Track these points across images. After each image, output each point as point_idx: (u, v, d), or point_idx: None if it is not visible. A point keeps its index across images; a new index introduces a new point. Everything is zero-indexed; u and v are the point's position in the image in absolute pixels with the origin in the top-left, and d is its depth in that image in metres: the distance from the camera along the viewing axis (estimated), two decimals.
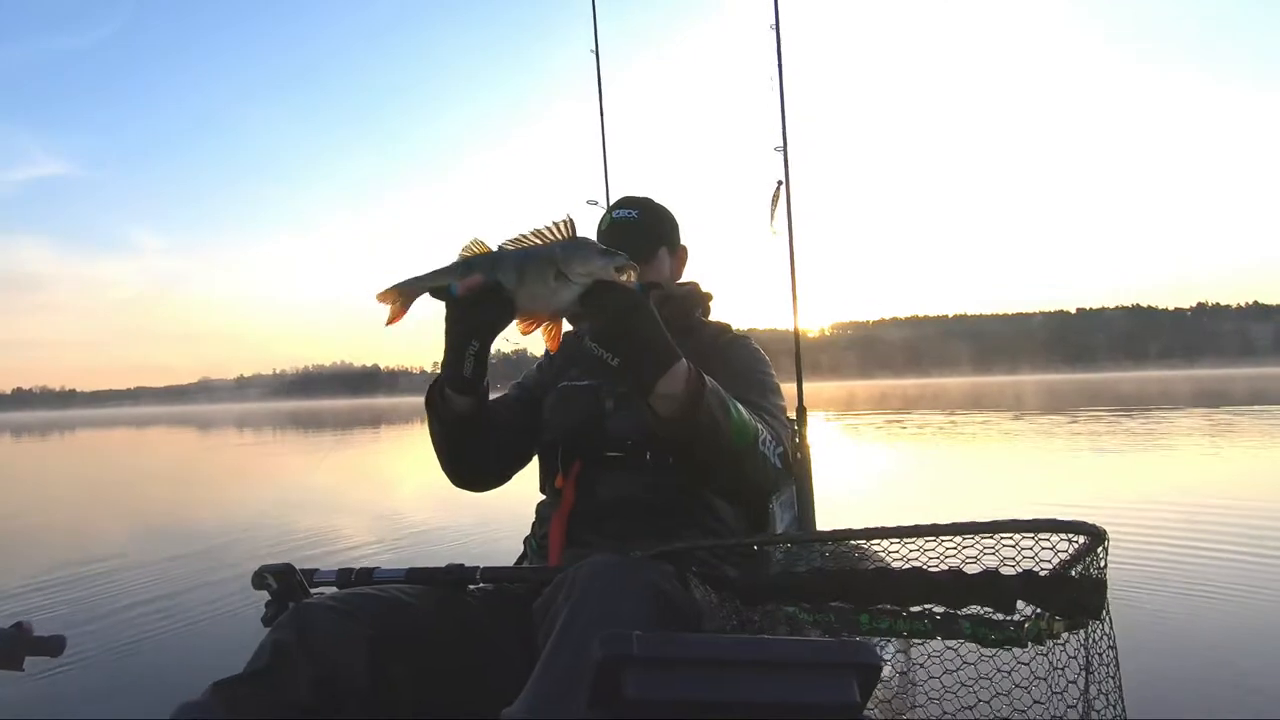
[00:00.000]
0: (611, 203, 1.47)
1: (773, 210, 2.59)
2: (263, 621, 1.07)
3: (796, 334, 2.78)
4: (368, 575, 1.15)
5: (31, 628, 0.93)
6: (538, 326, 1.03)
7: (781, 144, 2.70)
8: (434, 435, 1.22)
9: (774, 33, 2.78)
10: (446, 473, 1.29)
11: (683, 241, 1.48)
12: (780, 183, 2.63)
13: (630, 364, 1.00)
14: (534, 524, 1.36)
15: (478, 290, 1.00)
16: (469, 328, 1.04)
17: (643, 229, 1.40)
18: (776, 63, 2.76)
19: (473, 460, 1.28)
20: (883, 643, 1.18)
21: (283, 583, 1.12)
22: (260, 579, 1.13)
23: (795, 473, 2.09)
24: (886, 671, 1.04)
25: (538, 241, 1.01)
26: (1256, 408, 16.28)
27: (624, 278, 0.98)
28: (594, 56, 3.20)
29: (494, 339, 1.06)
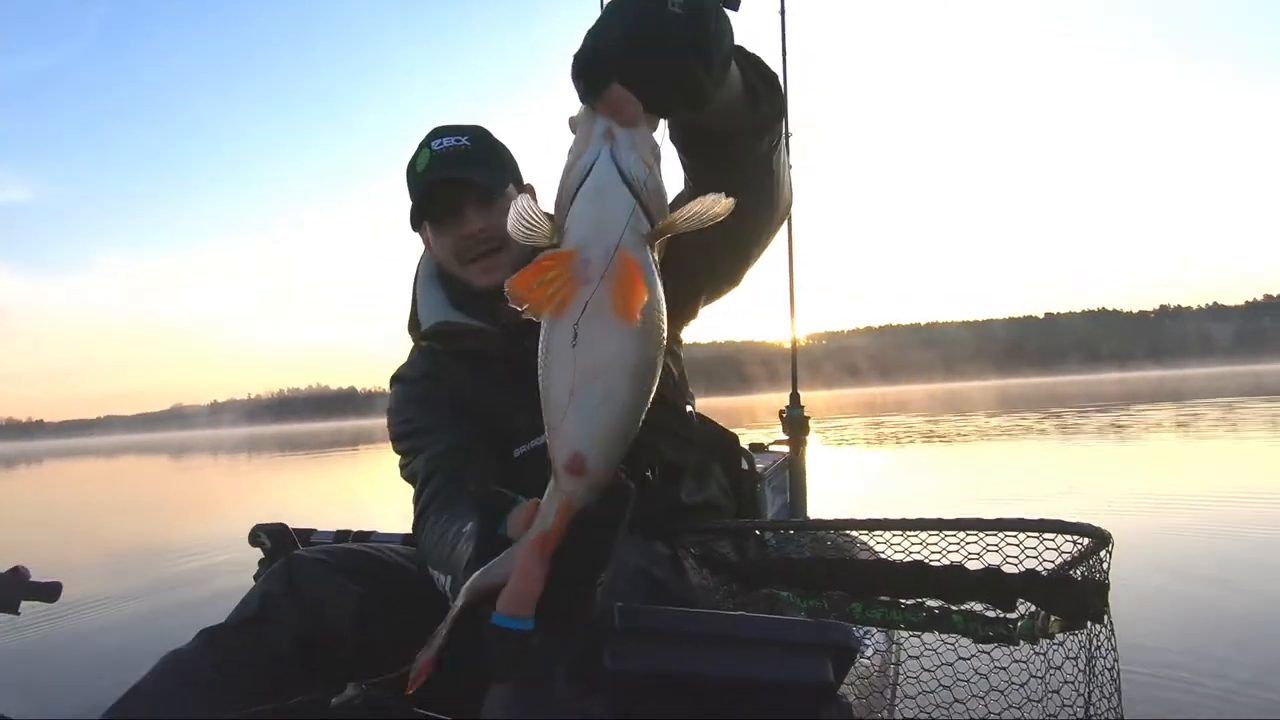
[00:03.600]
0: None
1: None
2: (254, 579, 1.07)
3: (794, 341, 2.80)
4: (365, 537, 1.15)
5: (28, 572, 0.94)
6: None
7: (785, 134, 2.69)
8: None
9: (780, 36, 2.75)
10: None
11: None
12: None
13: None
14: None
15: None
16: None
17: (480, 159, 1.05)
18: (781, 57, 2.74)
19: None
20: (867, 632, 1.18)
21: (276, 541, 1.12)
22: (255, 537, 1.14)
23: (791, 462, 2.10)
24: (876, 661, 1.04)
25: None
26: (1227, 400, 16.51)
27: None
28: None
29: None
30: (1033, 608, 0.80)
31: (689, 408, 1.15)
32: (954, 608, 0.82)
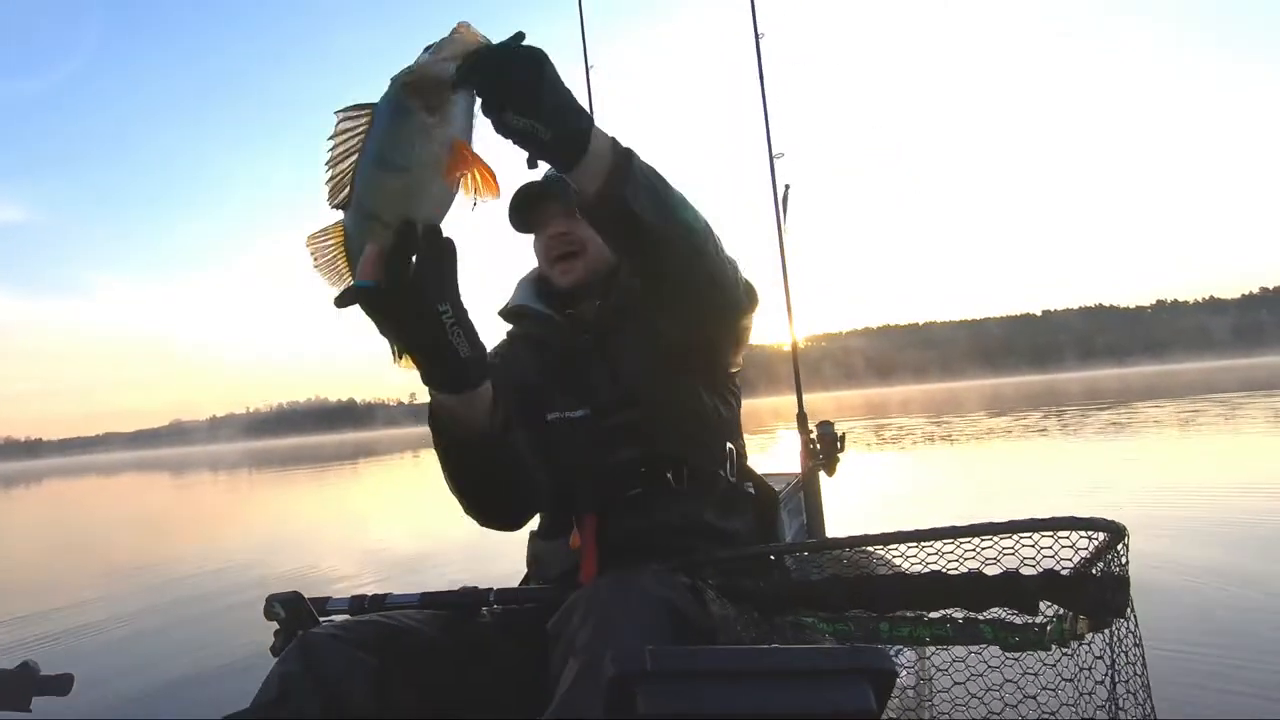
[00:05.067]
0: None
1: (784, 212, 2.61)
2: (271, 651, 1.06)
3: (794, 344, 2.79)
4: (380, 602, 1.13)
5: (39, 667, 0.92)
6: (460, 171, 0.75)
7: (769, 152, 2.73)
8: (439, 453, 0.98)
9: (755, 46, 2.82)
10: (461, 500, 1.05)
11: None
12: (788, 186, 2.63)
13: (548, 125, 0.76)
14: (531, 564, 1.26)
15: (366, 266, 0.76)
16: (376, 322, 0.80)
17: (559, 185, 1.18)
18: (759, 76, 2.80)
19: (494, 486, 1.03)
20: (898, 650, 1.17)
21: (291, 612, 1.11)
22: (270, 609, 1.12)
23: (804, 480, 2.08)
24: (907, 680, 1.02)
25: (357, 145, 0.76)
26: (1226, 395, 16.66)
27: (472, 44, 0.74)
28: (584, 70, 3.20)
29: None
30: (1059, 610, 0.79)
31: (729, 444, 1.22)
32: (980, 617, 0.81)
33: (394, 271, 0.75)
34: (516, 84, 0.75)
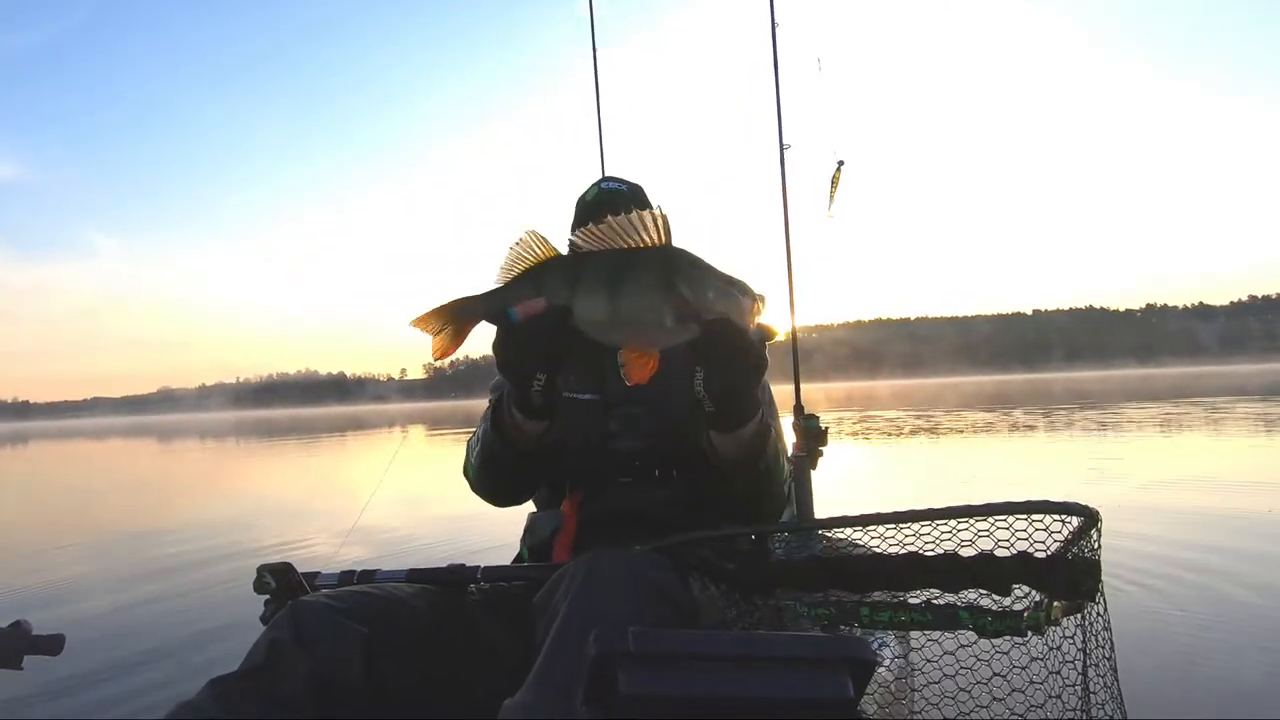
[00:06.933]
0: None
1: (832, 192, 2.47)
2: (261, 620, 1.07)
3: (794, 335, 2.79)
4: (369, 577, 1.14)
5: (30, 626, 0.93)
6: (648, 367, 0.83)
7: (780, 143, 2.71)
8: (491, 456, 1.13)
9: (771, 36, 2.79)
10: (486, 490, 1.22)
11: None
12: (841, 163, 2.49)
13: (723, 413, 0.96)
14: (526, 533, 1.33)
15: (541, 319, 0.84)
16: (527, 362, 0.91)
17: (630, 199, 1.34)
18: (773, 65, 2.78)
19: (523, 481, 1.21)
20: (881, 639, 1.20)
21: (281, 582, 1.11)
22: (260, 579, 1.13)
23: (795, 471, 2.10)
24: (892, 667, 1.04)
25: (623, 243, 0.79)
26: (1211, 399, 16.91)
27: (755, 318, 0.83)
28: (591, 57, 3.19)
29: (561, 369, 0.92)
30: (1035, 596, 0.81)
31: None
32: (958, 603, 0.83)
33: (532, 326, 0.86)
34: (727, 389, 0.93)
